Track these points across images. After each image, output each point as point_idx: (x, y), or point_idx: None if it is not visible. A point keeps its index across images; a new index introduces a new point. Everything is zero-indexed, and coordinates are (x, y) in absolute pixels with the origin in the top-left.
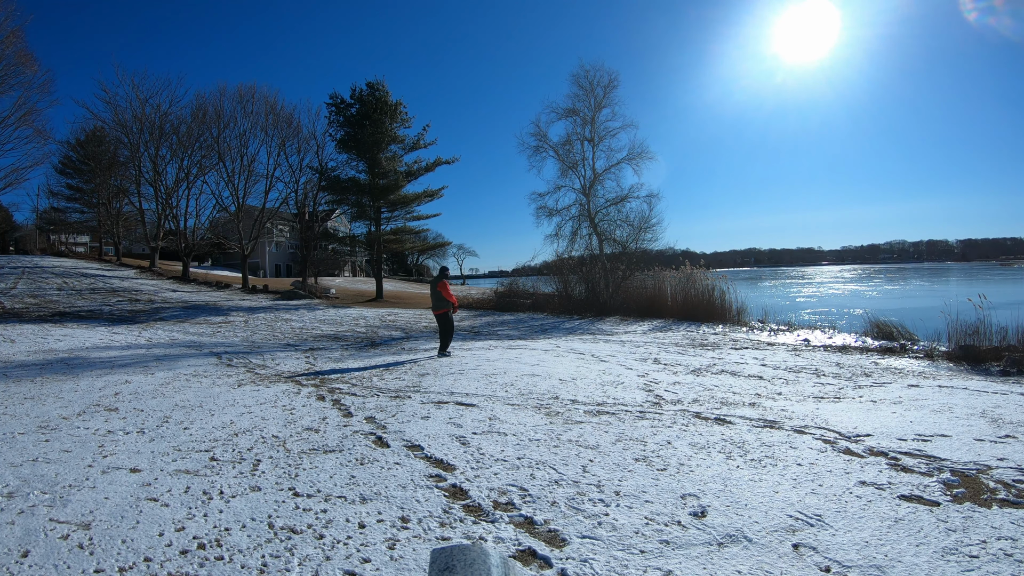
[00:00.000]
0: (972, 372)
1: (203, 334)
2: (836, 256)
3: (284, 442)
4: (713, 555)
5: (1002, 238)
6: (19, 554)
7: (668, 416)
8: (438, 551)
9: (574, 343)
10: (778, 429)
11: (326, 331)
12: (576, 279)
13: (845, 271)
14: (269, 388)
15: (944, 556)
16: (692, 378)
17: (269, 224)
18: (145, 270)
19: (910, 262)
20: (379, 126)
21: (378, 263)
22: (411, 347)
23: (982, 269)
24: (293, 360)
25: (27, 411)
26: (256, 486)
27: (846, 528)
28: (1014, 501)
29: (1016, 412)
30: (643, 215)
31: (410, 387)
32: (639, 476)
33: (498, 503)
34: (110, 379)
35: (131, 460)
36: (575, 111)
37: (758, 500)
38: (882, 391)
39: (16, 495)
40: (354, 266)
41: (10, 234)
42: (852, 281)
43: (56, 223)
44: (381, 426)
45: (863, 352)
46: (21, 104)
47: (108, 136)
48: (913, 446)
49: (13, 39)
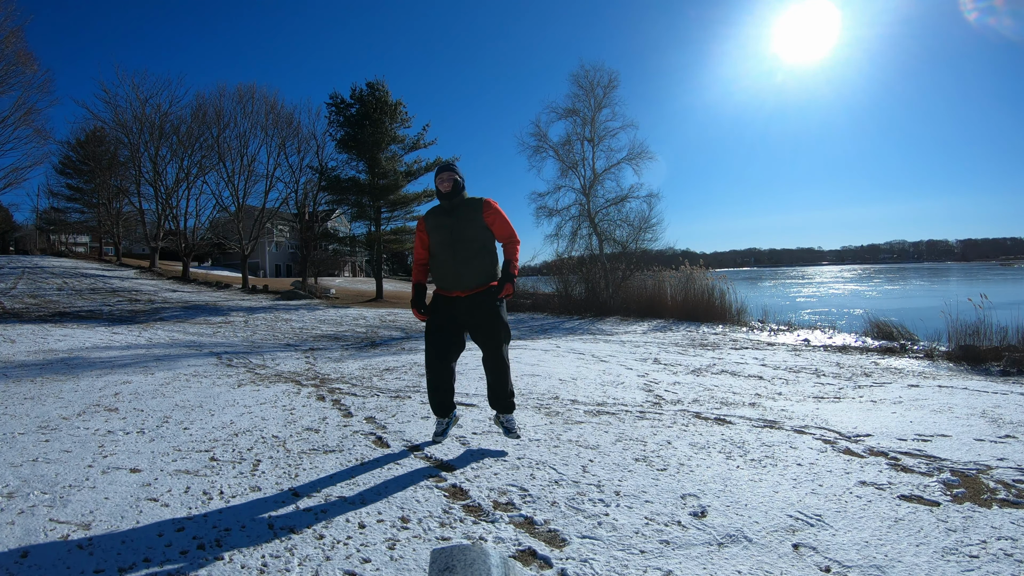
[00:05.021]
0: (972, 372)
1: (203, 334)
2: (836, 256)
3: (284, 442)
4: (713, 555)
5: (1002, 238)
6: (19, 554)
7: (668, 416)
8: (438, 551)
9: (574, 343)
10: (778, 429)
11: (326, 331)
12: (576, 279)
13: (845, 271)
14: (269, 388)
15: (944, 556)
16: (692, 378)
17: (269, 224)
18: (145, 270)
19: (910, 262)
20: (379, 126)
21: (378, 263)
22: (411, 347)
23: (982, 269)
24: (293, 360)
25: (27, 411)
26: (256, 486)
27: (846, 528)
28: (1014, 501)
29: (1016, 412)
30: (643, 215)
31: (410, 387)
32: (639, 476)
33: (498, 503)
34: (110, 379)
35: (131, 460)
36: (575, 111)
37: (758, 500)
38: (882, 391)
39: (16, 495)
40: (354, 266)
41: (10, 234)
42: (852, 281)
43: (56, 223)
44: (381, 426)
45: (863, 352)
46: (21, 104)
47: (108, 136)
48: (913, 446)
49: (13, 39)
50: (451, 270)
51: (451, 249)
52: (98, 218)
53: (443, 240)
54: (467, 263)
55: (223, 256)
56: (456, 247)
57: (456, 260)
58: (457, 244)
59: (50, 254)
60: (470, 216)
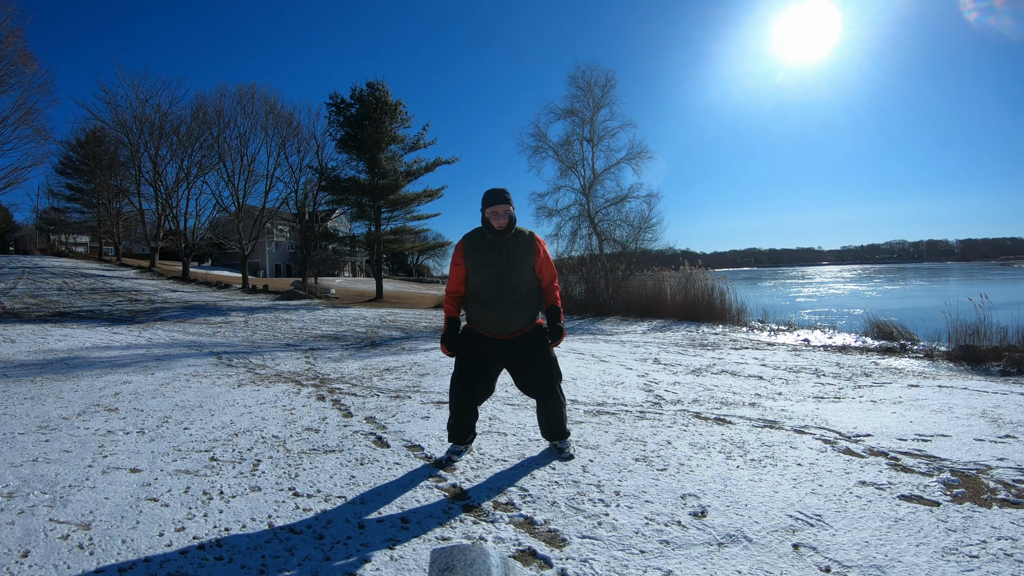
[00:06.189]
0: (972, 372)
1: (203, 334)
2: (836, 256)
3: (284, 442)
4: (713, 555)
5: (1002, 238)
6: (19, 554)
7: (668, 416)
8: (438, 551)
9: (574, 343)
10: (778, 429)
11: (326, 331)
12: (576, 279)
13: (845, 271)
14: (269, 388)
15: (944, 556)
16: (692, 378)
17: (269, 224)
18: (145, 270)
19: (910, 262)
20: (379, 126)
21: (378, 263)
22: (411, 347)
23: (982, 269)
24: (293, 360)
25: (27, 411)
26: (256, 486)
27: (846, 528)
28: (1014, 501)
29: (1016, 412)
30: (643, 215)
31: (410, 387)
32: (639, 476)
33: (498, 503)
34: (110, 379)
35: (131, 460)
36: (574, 111)
37: (758, 500)
38: (882, 391)
39: (16, 495)
40: (354, 266)
41: (10, 234)
42: (852, 281)
43: (56, 223)
44: (381, 426)
45: (863, 352)
46: (21, 104)
47: (108, 136)
48: (913, 446)
49: (13, 39)
50: (497, 314)
51: (499, 292)
52: (98, 218)
53: (490, 281)
54: (517, 308)
55: (223, 256)
56: (505, 290)
57: (505, 305)
58: (506, 287)
59: (50, 254)
60: (522, 259)
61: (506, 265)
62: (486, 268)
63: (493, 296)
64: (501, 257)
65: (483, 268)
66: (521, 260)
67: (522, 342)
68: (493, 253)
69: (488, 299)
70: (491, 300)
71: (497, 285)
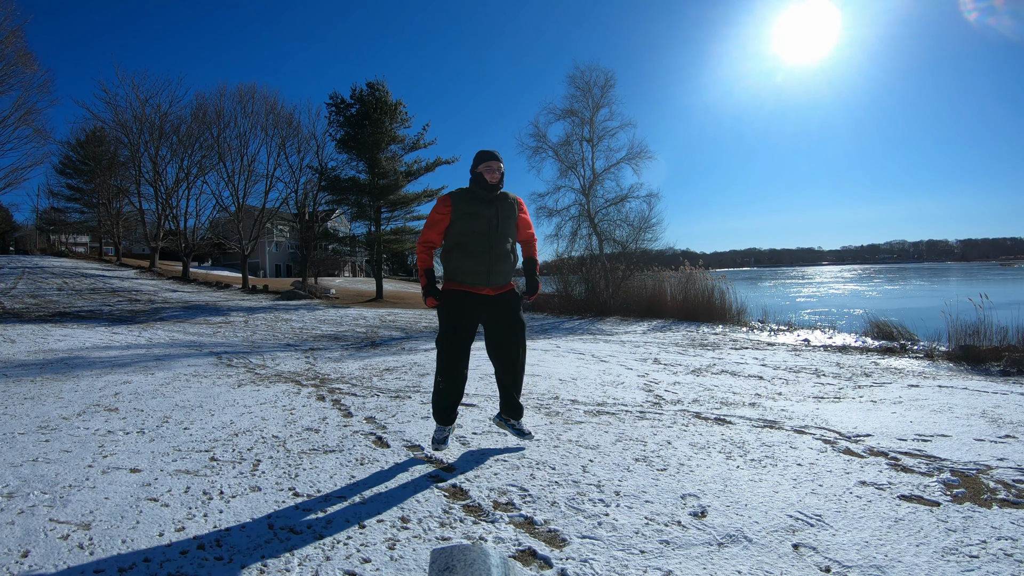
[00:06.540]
0: (972, 372)
1: (203, 334)
2: (836, 256)
3: (284, 442)
4: (713, 555)
5: (1002, 238)
6: (19, 554)
7: (668, 416)
8: (438, 551)
9: (574, 343)
10: (778, 429)
11: (326, 331)
12: (576, 279)
13: (845, 271)
14: (269, 388)
15: (944, 556)
16: (692, 378)
17: (269, 224)
18: (145, 270)
19: (910, 262)
20: (379, 126)
21: (378, 263)
22: (411, 347)
23: (982, 269)
24: (293, 360)
25: (27, 411)
26: (256, 486)
27: (846, 528)
28: (1014, 501)
29: (1016, 412)
30: (643, 215)
31: (410, 387)
32: (639, 476)
33: (498, 503)
34: (110, 379)
35: (131, 460)
36: (573, 112)
37: (758, 500)
38: (882, 391)
39: (16, 495)
40: (354, 266)
41: (10, 234)
42: (852, 281)
43: (56, 223)
44: (381, 426)
45: (863, 352)
46: (21, 104)
47: (108, 136)
48: (913, 446)
49: (13, 39)
50: (484, 265)
51: (487, 243)
52: (98, 218)
53: (480, 231)
54: (501, 261)
55: (223, 256)
56: (493, 242)
57: (491, 256)
58: (494, 239)
59: (50, 254)
60: (509, 212)
61: (495, 216)
62: (476, 218)
63: (481, 245)
64: (491, 208)
65: (474, 218)
66: (508, 215)
67: (498, 300)
68: (483, 205)
69: (476, 248)
70: (479, 249)
71: (486, 235)
